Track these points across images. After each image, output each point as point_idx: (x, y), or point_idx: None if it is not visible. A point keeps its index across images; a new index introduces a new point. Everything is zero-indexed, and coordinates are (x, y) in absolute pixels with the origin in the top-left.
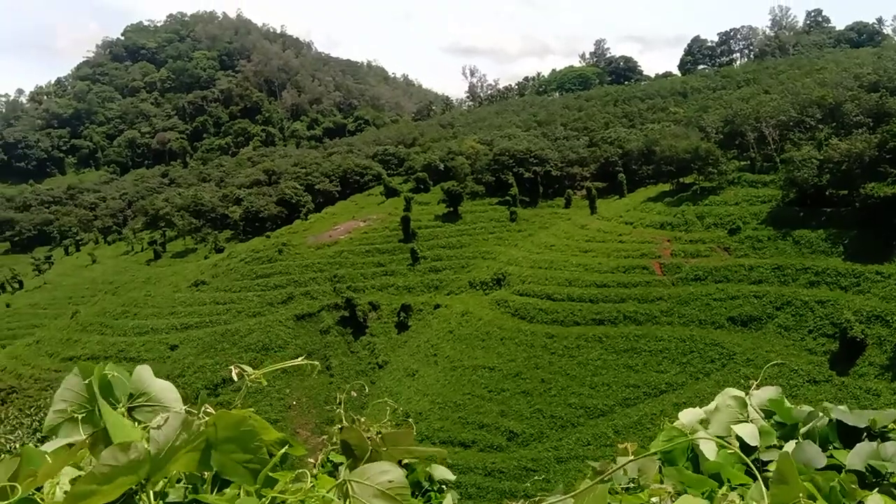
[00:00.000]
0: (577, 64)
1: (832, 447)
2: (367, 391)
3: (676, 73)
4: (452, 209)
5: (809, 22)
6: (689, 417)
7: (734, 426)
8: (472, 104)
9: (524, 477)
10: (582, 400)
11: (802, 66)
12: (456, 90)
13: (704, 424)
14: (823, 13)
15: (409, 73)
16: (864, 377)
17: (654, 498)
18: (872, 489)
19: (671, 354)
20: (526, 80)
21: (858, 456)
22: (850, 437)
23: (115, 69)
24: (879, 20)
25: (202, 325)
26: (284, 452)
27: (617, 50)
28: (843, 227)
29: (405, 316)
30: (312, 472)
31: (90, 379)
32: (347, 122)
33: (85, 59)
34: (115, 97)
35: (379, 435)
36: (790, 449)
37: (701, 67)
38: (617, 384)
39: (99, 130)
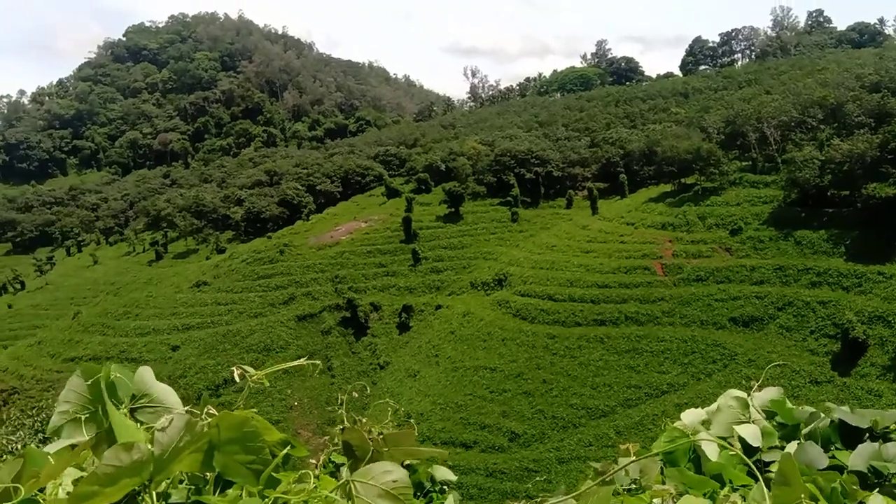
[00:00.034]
0: (578, 64)
1: (834, 448)
2: (368, 392)
3: (678, 73)
4: (454, 210)
5: (811, 22)
6: (690, 418)
7: (736, 427)
8: (473, 105)
9: (526, 478)
10: (583, 400)
11: (804, 66)
12: (457, 91)
13: (706, 425)
14: (825, 13)
15: (410, 73)
16: (865, 378)
17: (655, 499)
18: (875, 490)
19: (673, 355)
20: (527, 80)
21: (860, 457)
22: (851, 437)
23: (116, 70)
24: (881, 20)
25: (204, 325)
26: (286, 453)
27: (618, 50)
28: (844, 227)
29: (406, 316)
30: (314, 472)
31: (93, 380)
32: (349, 122)
33: (86, 59)
34: (116, 98)
35: (380, 436)
36: (792, 450)
37: (702, 68)
38: (618, 385)
39: (101, 131)
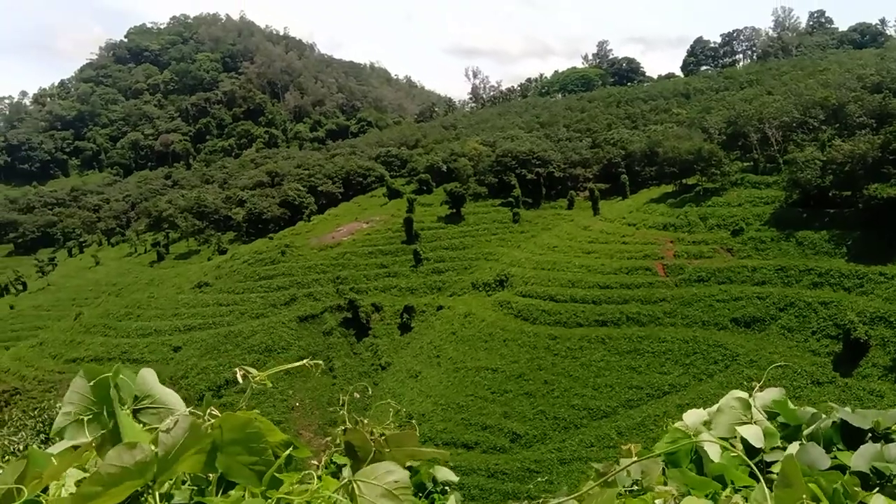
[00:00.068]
0: (579, 65)
1: (836, 449)
2: (369, 393)
3: (679, 74)
4: (455, 210)
5: (812, 23)
6: (692, 419)
7: (738, 428)
8: (474, 105)
9: (527, 478)
10: (585, 401)
11: (805, 67)
12: (458, 91)
13: (708, 426)
14: (826, 14)
15: (411, 74)
16: (867, 378)
17: (657, 500)
18: (875, 490)
19: (674, 356)
20: (528, 81)
21: (863, 457)
22: (853, 438)
23: (118, 71)
24: (882, 21)
25: (205, 326)
26: (288, 454)
27: (619, 51)
28: (846, 228)
29: (408, 317)
30: (316, 473)
31: (96, 381)
32: (350, 123)
33: (88, 61)
34: (118, 99)
35: (382, 437)
36: (794, 451)
37: (704, 68)
38: (620, 385)
39: (102, 132)
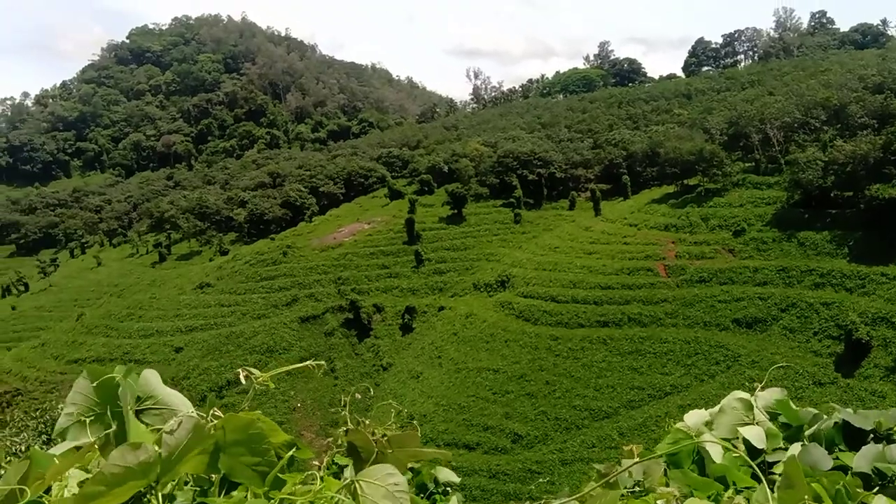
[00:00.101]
0: (581, 66)
1: (838, 450)
2: (371, 393)
3: (680, 74)
4: (456, 211)
5: (814, 23)
6: (694, 419)
7: (741, 429)
8: (476, 106)
9: (529, 479)
10: (586, 402)
11: (807, 67)
12: (460, 92)
13: (710, 427)
14: (828, 15)
15: (413, 75)
16: (869, 379)
17: (659, 501)
18: (879, 492)
19: (676, 356)
20: (530, 82)
21: (865, 458)
22: (855, 439)
23: (120, 72)
24: (884, 22)
25: (207, 327)
26: (291, 455)
27: (621, 52)
28: (847, 228)
29: (409, 318)
30: (319, 474)
31: (100, 382)
32: (352, 124)
33: (90, 62)
34: (120, 100)
35: (385, 437)
36: (796, 451)
37: (705, 69)
38: (621, 386)
39: (104, 133)
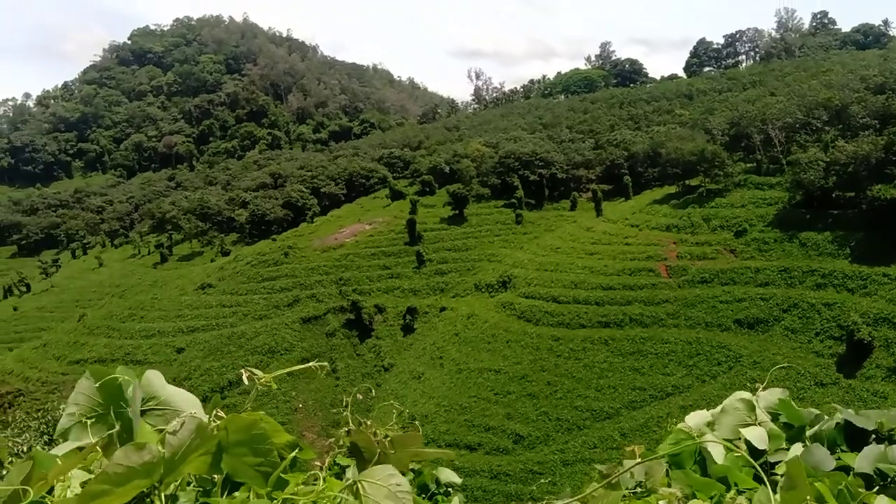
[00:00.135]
0: (582, 66)
1: (840, 450)
2: (372, 394)
3: (682, 75)
4: (458, 212)
5: (815, 24)
6: (696, 420)
7: (743, 430)
8: (477, 107)
9: (530, 480)
10: (588, 402)
11: (808, 67)
12: (461, 93)
13: (711, 427)
14: (829, 15)
15: (414, 76)
16: (871, 380)
17: (661, 502)
18: (880, 492)
19: (677, 357)
20: (531, 82)
21: (867, 459)
22: (857, 439)
23: (121, 73)
24: (885, 22)
25: (208, 327)
26: (294, 455)
27: (622, 52)
28: (849, 229)
29: (411, 318)
30: (321, 474)
31: (102, 382)
32: (353, 125)
33: (92, 63)
34: (121, 101)
35: (387, 438)
36: (798, 452)
37: (707, 69)
38: (623, 387)
39: (106, 134)
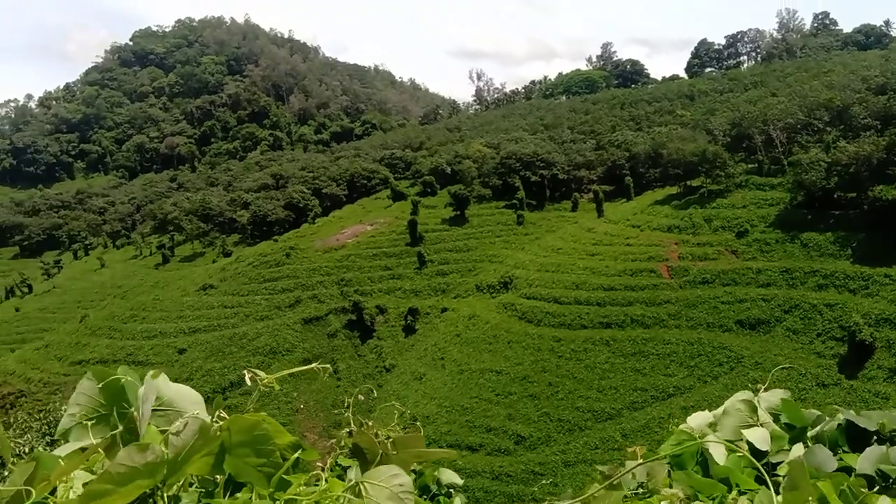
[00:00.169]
0: (583, 67)
1: (841, 451)
2: (374, 395)
3: (683, 75)
4: (459, 213)
5: (817, 24)
6: (697, 421)
7: (745, 430)
8: (478, 108)
9: (532, 481)
10: (589, 403)
11: (810, 68)
12: (463, 94)
13: (713, 428)
14: (831, 16)
15: (415, 77)
16: (872, 380)
17: (663, 502)
18: (882, 493)
19: (679, 358)
20: (533, 83)
21: (868, 460)
22: (858, 440)
23: (123, 74)
24: (887, 23)
25: (210, 328)
26: (296, 456)
27: (624, 53)
28: (851, 229)
29: (412, 319)
30: (323, 475)
31: (105, 383)
32: (354, 126)
33: (94, 64)
34: (123, 102)
35: (389, 439)
36: (800, 453)
37: (708, 70)
38: (624, 387)
39: (108, 135)
